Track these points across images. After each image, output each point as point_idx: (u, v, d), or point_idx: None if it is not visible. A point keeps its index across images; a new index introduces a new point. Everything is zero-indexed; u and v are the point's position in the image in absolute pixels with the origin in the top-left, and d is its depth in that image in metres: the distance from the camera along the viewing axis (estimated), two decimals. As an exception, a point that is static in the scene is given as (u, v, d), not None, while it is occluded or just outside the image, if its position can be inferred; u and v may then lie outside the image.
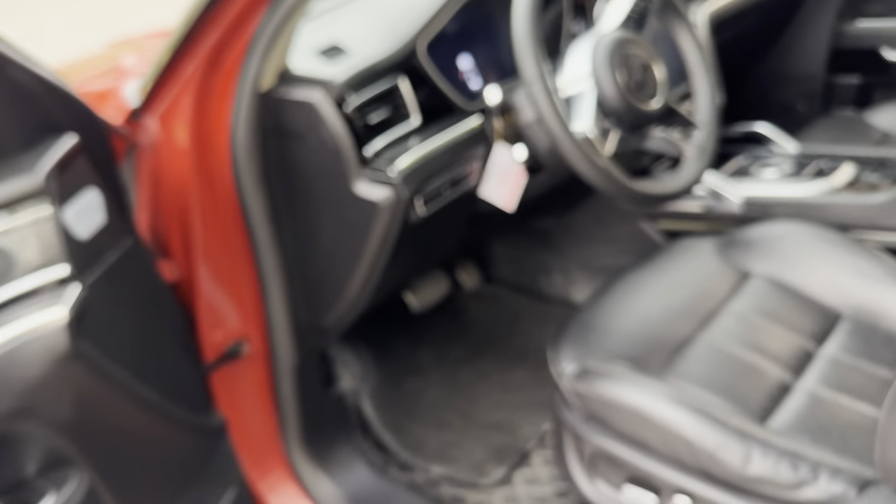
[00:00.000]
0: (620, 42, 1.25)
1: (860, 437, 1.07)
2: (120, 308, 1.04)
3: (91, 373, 0.95)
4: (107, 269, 0.99)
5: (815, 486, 0.99)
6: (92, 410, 0.97)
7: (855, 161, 1.65)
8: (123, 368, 1.00)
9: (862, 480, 0.98)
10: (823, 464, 1.01)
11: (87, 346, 0.92)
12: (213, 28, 1.09)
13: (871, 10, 2.24)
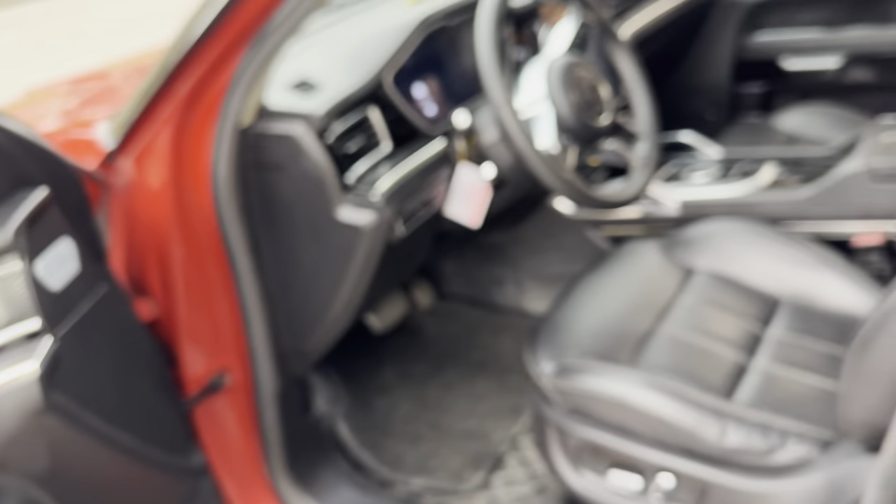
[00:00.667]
0: (570, 65, 1.35)
1: (815, 405, 1.18)
2: (95, 355, 1.03)
3: (65, 423, 0.94)
4: (81, 317, 0.99)
5: (784, 451, 1.10)
6: (67, 460, 0.97)
7: (775, 161, 1.81)
8: (98, 416, 0.99)
9: (823, 442, 1.09)
10: (789, 431, 1.11)
11: (59, 398, 0.91)
12: (194, 69, 1.12)
13: (769, 21, 2.44)
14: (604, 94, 1.39)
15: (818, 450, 1.09)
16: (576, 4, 1.45)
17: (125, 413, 1.04)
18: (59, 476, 0.92)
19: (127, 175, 1.24)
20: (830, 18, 2.42)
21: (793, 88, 2.49)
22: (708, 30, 2.46)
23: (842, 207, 1.59)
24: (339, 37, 1.45)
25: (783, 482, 1.09)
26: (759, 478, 1.11)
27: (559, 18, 1.53)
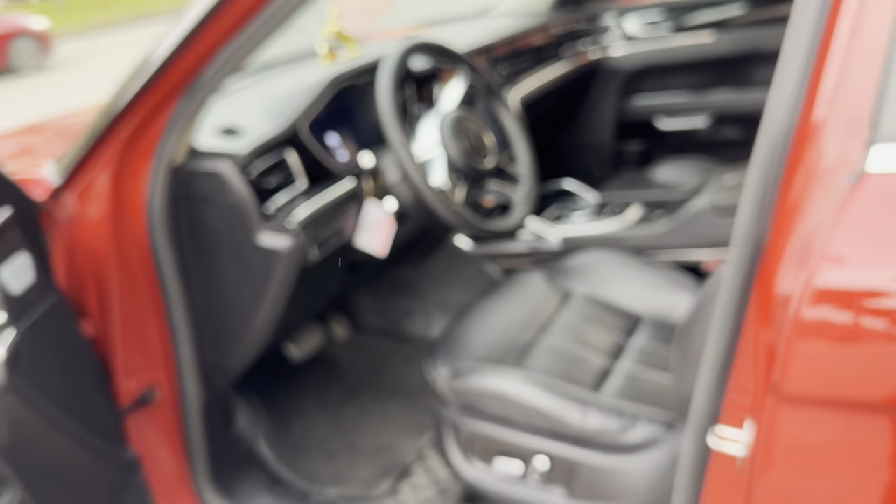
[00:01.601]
0: (459, 118, 1.58)
1: (662, 396, 1.40)
2: (47, 353, 1.17)
3: (23, 404, 1.07)
4: (35, 319, 1.13)
5: (635, 431, 1.30)
6: (23, 436, 1.09)
7: (642, 204, 2.07)
8: (49, 402, 1.13)
9: (667, 423, 1.30)
10: (639, 414, 1.32)
11: (19, 382, 1.05)
12: (134, 116, 1.28)
13: (645, 86, 2.76)
14: (488, 142, 1.62)
15: (663, 429, 1.30)
16: (464, 68, 1.69)
17: (70, 403, 1.16)
18: (16, 450, 1.03)
19: (70, 209, 1.38)
20: (698, 84, 2.76)
21: (667, 145, 2.80)
22: (593, 94, 2.77)
23: (692, 238, 1.85)
24: (261, 91, 1.64)
25: (635, 458, 1.30)
26: (615, 455, 1.31)
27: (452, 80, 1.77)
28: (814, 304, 0.75)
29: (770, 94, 0.81)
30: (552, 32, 2.56)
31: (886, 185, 0.72)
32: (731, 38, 2.65)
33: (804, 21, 0.77)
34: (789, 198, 0.79)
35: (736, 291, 0.87)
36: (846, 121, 0.75)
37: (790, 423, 0.79)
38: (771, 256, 0.82)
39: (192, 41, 1.20)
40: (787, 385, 0.77)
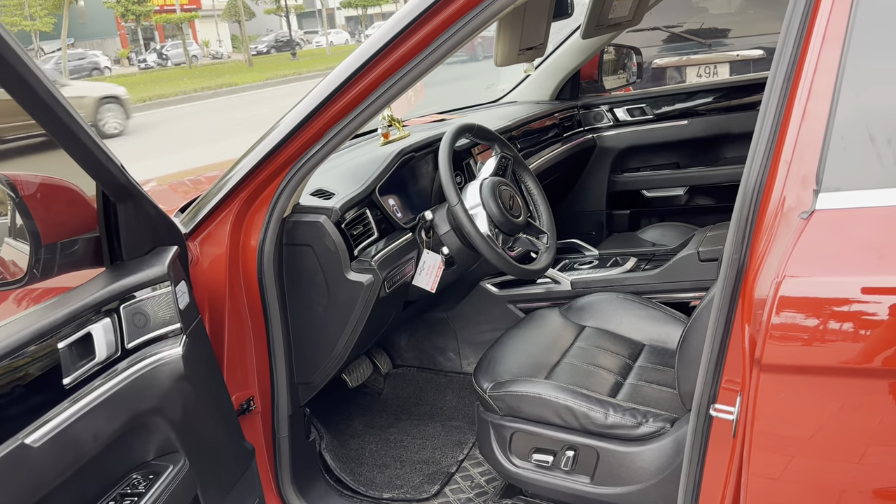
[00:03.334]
0: (496, 182, 1.88)
1: (665, 401, 1.66)
2: (198, 357, 1.39)
3: (191, 390, 1.30)
4: (192, 330, 1.38)
5: (646, 426, 1.55)
6: (189, 417, 1.31)
7: (635, 256, 2.37)
8: (205, 392, 1.37)
9: (672, 419, 1.55)
10: (649, 414, 1.57)
11: (189, 373, 1.29)
12: (253, 181, 1.56)
13: (633, 163, 3.10)
14: (518, 202, 1.92)
15: (669, 424, 1.55)
16: (498, 144, 2.01)
17: (213, 397, 1.40)
18: (184, 427, 1.25)
19: (194, 251, 1.65)
20: (676, 160, 3.10)
21: (652, 212, 3.12)
22: (588, 169, 3.10)
23: (680, 281, 2.13)
24: (340, 161, 1.94)
25: (646, 445, 1.54)
26: (631, 445, 1.56)
27: (487, 155, 2.09)
28: (781, 305, 1.02)
29: (747, 160, 1.11)
30: (555, 117, 2.90)
31: (828, 218, 1.01)
32: (703, 122, 3.00)
33: (769, 108, 1.07)
34: (761, 229, 1.08)
35: (725, 301, 1.14)
36: (800, 177, 1.04)
37: (767, 385, 1.05)
38: (749, 274, 1.09)
39: (304, 127, 1.49)
40: (764, 359, 1.04)
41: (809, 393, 1.03)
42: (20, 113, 1.02)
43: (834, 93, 1.00)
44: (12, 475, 0.89)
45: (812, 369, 1.02)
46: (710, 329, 1.18)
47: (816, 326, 1.01)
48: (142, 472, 1.17)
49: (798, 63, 1.03)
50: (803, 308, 1.01)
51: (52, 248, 1.21)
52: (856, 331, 0.97)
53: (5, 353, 0.94)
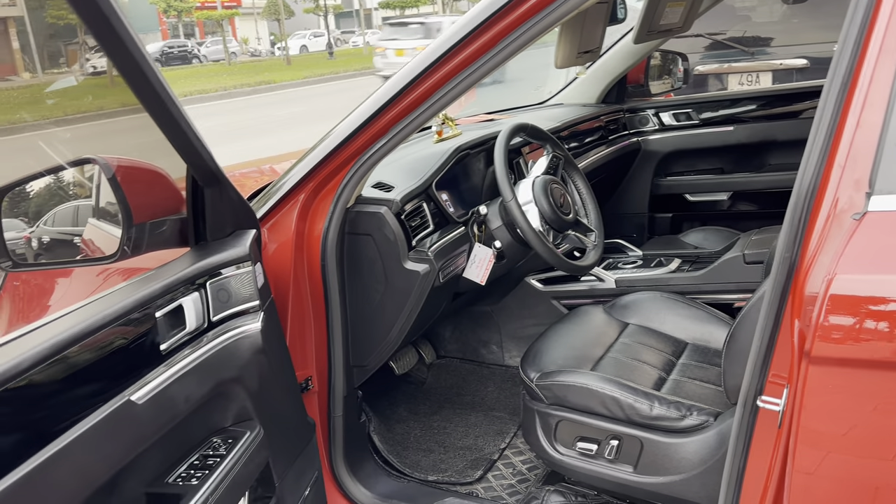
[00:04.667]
0: (547, 180, 1.95)
1: (708, 396, 1.72)
2: (272, 333, 1.48)
3: (266, 362, 1.39)
4: (267, 307, 1.47)
5: (690, 418, 1.61)
6: (264, 386, 1.39)
7: (679, 258, 2.42)
8: (277, 366, 1.46)
9: (715, 413, 1.61)
10: (693, 406, 1.63)
11: (265, 346, 1.38)
12: (320, 173, 1.65)
13: (675, 167, 3.15)
14: (569, 200, 1.99)
15: (712, 418, 1.61)
16: (550, 143, 2.08)
17: (284, 371, 1.49)
18: (260, 396, 1.35)
19: (263, 237, 1.74)
20: (720, 165, 3.14)
21: (694, 216, 3.17)
22: (632, 172, 3.15)
23: (725, 283, 2.18)
24: (398, 156, 2.02)
25: (689, 437, 1.60)
26: (675, 436, 1.62)
27: (537, 155, 2.16)
28: (832, 301, 1.08)
29: (801, 163, 1.16)
30: (601, 120, 2.96)
31: (880, 219, 1.06)
32: (748, 129, 3.04)
33: (824, 115, 1.13)
34: (814, 229, 1.14)
35: (776, 297, 1.20)
36: (853, 180, 1.10)
37: (816, 377, 1.11)
38: (800, 271, 1.15)
39: (371, 123, 1.57)
40: (814, 352, 1.10)
41: (856, 385, 1.09)
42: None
43: (889, 103, 1.06)
44: (122, 427, 0.99)
45: (860, 363, 1.08)
46: (759, 324, 1.24)
47: (865, 322, 1.07)
48: (221, 437, 1.26)
49: (854, 73, 1.09)
50: (853, 304, 1.07)
51: (142, 228, 1.32)
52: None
53: (114, 318, 1.03)
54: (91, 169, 1.57)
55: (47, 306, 1.91)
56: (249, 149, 8.83)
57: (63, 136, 2.25)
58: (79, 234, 1.70)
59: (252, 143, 9.74)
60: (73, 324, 0.97)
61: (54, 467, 0.87)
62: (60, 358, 0.93)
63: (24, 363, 0.87)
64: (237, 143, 9.63)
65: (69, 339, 0.94)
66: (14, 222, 1.61)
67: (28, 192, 1.67)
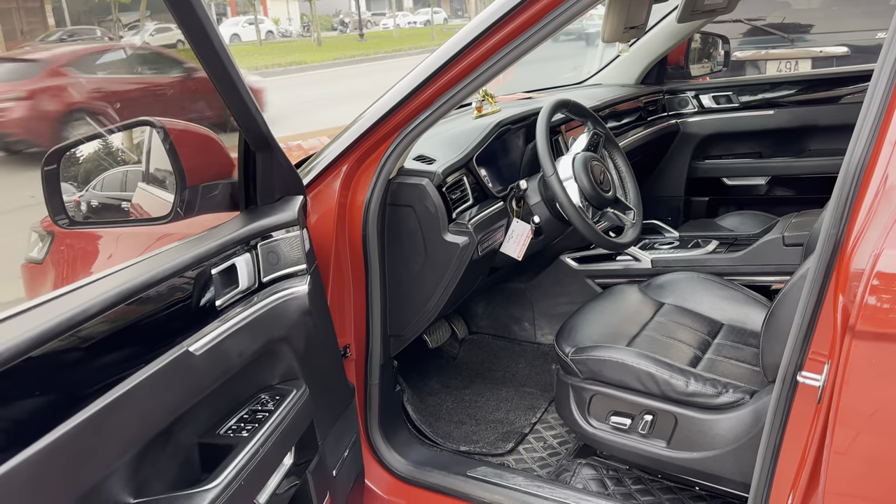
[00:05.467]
0: (587, 157, 1.96)
1: (744, 375, 1.72)
2: (317, 296, 1.51)
3: (313, 324, 1.43)
4: (313, 271, 1.50)
5: (726, 395, 1.62)
6: (310, 347, 1.43)
7: (717, 240, 2.41)
8: (322, 328, 1.49)
9: (751, 391, 1.62)
10: (729, 384, 1.64)
11: (311, 308, 1.42)
12: (364, 143, 1.67)
13: (713, 152, 3.13)
14: (609, 178, 2.00)
15: (748, 395, 1.61)
16: (591, 120, 2.08)
17: (327, 334, 1.52)
18: (305, 356, 1.39)
19: (307, 206, 1.77)
20: (760, 149, 3.11)
21: (730, 201, 3.15)
22: (670, 154, 3.14)
23: (763, 265, 2.18)
24: (440, 131, 2.04)
25: (725, 414, 1.61)
26: (710, 413, 1.63)
27: (577, 132, 2.16)
28: (879, 277, 1.09)
29: (851, 139, 1.16)
30: (640, 101, 2.95)
31: (931, 195, 1.06)
32: (789, 113, 3.00)
33: (876, 91, 1.13)
34: (861, 206, 1.14)
35: (820, 273, 1.20)
36: (904, 156, 1.10)
37: (859, 352, 1.12)
38: (846, 247, 1.16)
39: (415, 95, 1.59)
40: (858, 326, 1.11)
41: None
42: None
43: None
44: (180, 376, 1.03)
45: (903, 337, 1.08)
46: (802, 300, 1.25)
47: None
48: (269, 394, 1.30)
49: None
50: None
51: (194, 191, 1.36)
52: (953, 301, 1.03)
53: (174, 272, 1.07)
54: (141, 135, 1.62)
55: (106, 264, 1.97)
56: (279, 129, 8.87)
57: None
58: (128, 199, 1.75)
59: (282, 123, 9.83)
60: (137, 275, 1.01)
61: (118, 410, 0.91)
62: (125, 306, 0.97)
63: (92, 308, 0.91)
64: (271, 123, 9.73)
65: (133, 289, 0.98)
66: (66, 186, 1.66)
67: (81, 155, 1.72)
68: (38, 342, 0.81)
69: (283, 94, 14.23)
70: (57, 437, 0.81)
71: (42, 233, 2.24)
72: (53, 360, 0.86)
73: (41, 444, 0.80)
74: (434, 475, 1.81)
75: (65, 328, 0.85)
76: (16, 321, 0.86)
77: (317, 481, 1.41)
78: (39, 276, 2.27)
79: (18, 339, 0.79)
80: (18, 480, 0.75)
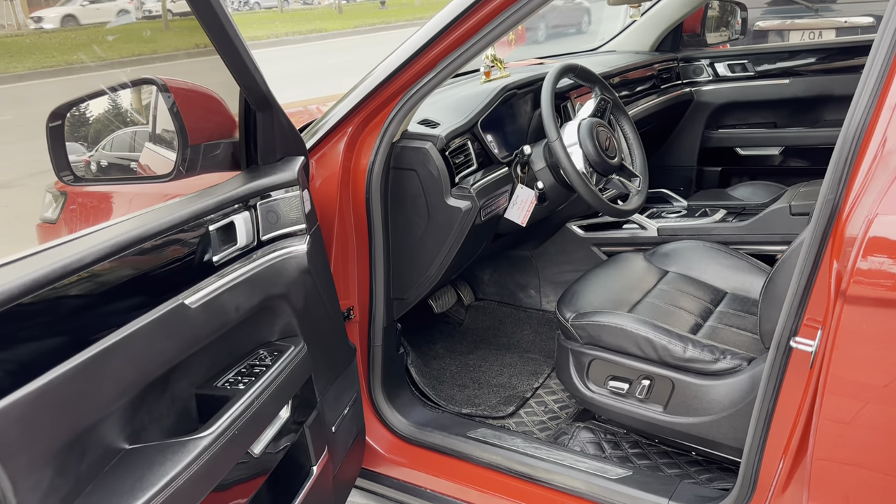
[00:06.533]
0: (594, 123, 1.95)
1: (743, 343, 1.73)
2: (317, 256, 1.52)
3: (311, 283, 1.44)
4: (313, 232, 1.51)
5: (724, 362, 1.62)
6: (309, 305, 1.45)
7: (725, 209, 2.40)
8: (322, 288, 1.51)
9: (749, 358, 1.62)
10: (727, 351, 1.64)
11: (311, 268, 1.43)
12: (369, 106, 1.67)
13: (726, 121, 3.09)
14: (615, 144, 1.99)
15: (745, 362, 1.62)
16: (599, 86, 2.07)
17: (327, 293, 1.55)
18: (304, 314, 1.41)
19: (311, 168, 1.78)
20: (774, 119, 3.07)
21: (743, 171, 3.11)
22: (683, 123, 3.10)
23: (769, 234, 2.16)
24: (444, 96, 2.04)
25: (721, 380, 1.62)
26: (707, 378, 1.64)
27: (585, 99, 2.15)
28: (871, 242, 1.08)
29: (852, 103, 1.15)
30: (653, 68, 2.91)
31: (927, 160, 1.05)
32: (805, 83, 2.95)
33: (878, 54, 1.11)
34: (859, 171, 1.13)
35: (816, 239, 1.20)
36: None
37: (850, 317, 1.11)
38: (842, 213, 1.15)
39: (418, 57, 1.59)
40: (849, 291, 1.10)
41: (890, 327, 1.09)
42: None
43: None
44: (175, 327, 1.06)
45: (894, 304, 1.08)
46: (798, 266, 1.24)
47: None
48: (267, 349, 1.33)
49: None
50: (892, 247, 1.07)
51: (196, 150, 1.37)
52: (943, 264, 1.03)
53: (170, 227, 1.09)
54: (149, 96, 1.63)
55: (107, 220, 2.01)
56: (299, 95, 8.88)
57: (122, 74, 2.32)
58: (135, 159, 1.77)
59: (302, 89, 9.81)
60: (133, 227, 1.03)
61: (113, 356, 0.94)
62: (121, 258, 0.99)
63: (87, 258, 0.93)
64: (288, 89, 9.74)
65: (128, 241, 1.01)
66: (75, 146, 1.69)
67: (89, 114, 1.74)
68: (32, 287, 0.84)
69: (304, 62, 14.21)
70: (52, 377, 0.84)
71: (56, 193, 2.28)
72: (49, 305, 0.88)
73: (37, 383, 0.83)
74: (434, 435, 1.84)
75: (59, 276, 0.88)
76: (15, 266, 0.88)
77: (314, 435, 1.44)
78: (53, 235, 2.32)
79: (14, 282, 0.82)
80: (13, 416, 0.78)
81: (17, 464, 0.78)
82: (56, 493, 0.84)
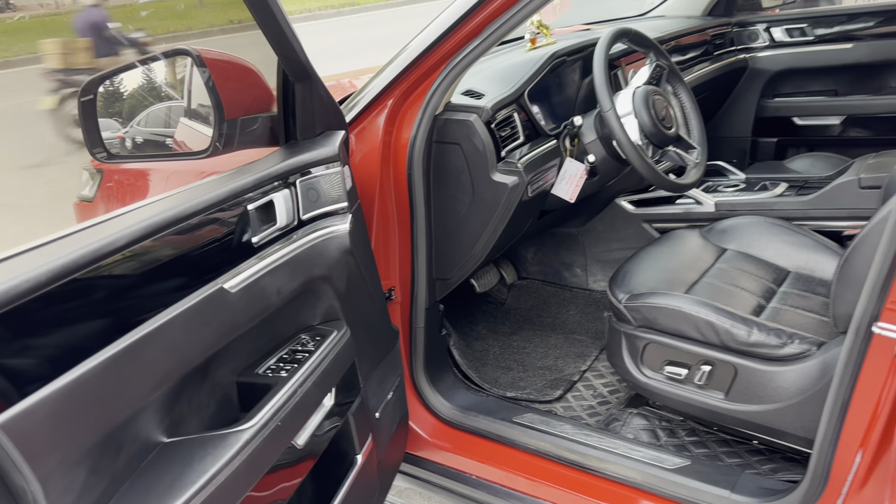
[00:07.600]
0: (649, 91, 1.84)
1: (810, 326, 1.62)
2: (359, 235, 1.45)
3: (354, 264, 1.38)
4: (355, 210, 1.45)
5: (791, 346, 1.52)
6: (352, 288, 1.39)
7: (786, 182, 2.27)
8: (364, 269, 1.45)
9: (818, 342, 1.52)
10: (795, 335, 1.54)
11: (353, 248, 1.37)
12: (410, 77, 1.59)
13: (784, 90, 2.93)
14: (672, 114, 1.87)
15: (815, 347, 1.52)
16: (654, 52, 1.95)
17: (370, 275, 1.48)
18: (346, 296, 1.35)
19: (351, 143, 1.72)
20: (834, 87, 2.90)
21: (801, 142, 2.96)
22: (737, 91, 2.95)
23: (836, 209, 2.04)
24: (488, 65, 1.94)
25: (789, 366, 1.52)
26: (773, 364, 1.54)
27: (641, 65, 2.03)
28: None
29: None
30: (706, 34, 2.77)
31: None
32: (869, 47, 2.78)
33: None
34: None
35: None
36: None
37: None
38: None
39: (462, 24, 1.49)
40: None
41: None
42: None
43: None
44: (214, 312, 1.00)
45: None
46: (882, 245, 1.14)
47: None
48: (309, 334, 1.27)
49: None
50: None
51: (233, 124, 1.31)
52: None
53: (207, 206, 1.03)
54: (183, 70, 1.57)
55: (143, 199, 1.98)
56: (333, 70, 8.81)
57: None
58: (170, 135, 1.72)
59: (336, 63, 9.74)
60: (168, 207, 0.97)
61: (149, 345, 0.89)
62: (155, 240, 0.94)
63: (119, 241, 0.88)
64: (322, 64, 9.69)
65: (163, 223, 0.95)
66: (109, 122, 1.63)
67: (123, 89, 1.68)
68: (60, 275, 0.78)
69: (337, 36, 14.12)
70: (85, 370, 0.79)
71: (92, 171, 2.25)
72: (80, 293, 0.83)
73: (70, 376, 0.77)
74: (479, 420, 1.78)
75: (88, 261, 0.82)
76: (44, 249, 0.83)
77: (358, 423, 1.39)
78: (90, 213, 2.29)
79: (39, 270, 0.76)
80: (43, 414, 0.73)
81: (48, 464, 0.73)
82: (90, 493, 0.79)
